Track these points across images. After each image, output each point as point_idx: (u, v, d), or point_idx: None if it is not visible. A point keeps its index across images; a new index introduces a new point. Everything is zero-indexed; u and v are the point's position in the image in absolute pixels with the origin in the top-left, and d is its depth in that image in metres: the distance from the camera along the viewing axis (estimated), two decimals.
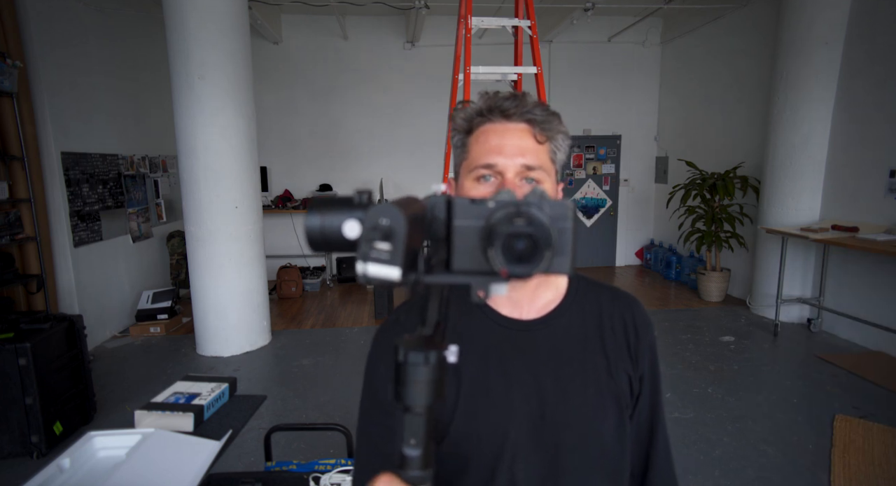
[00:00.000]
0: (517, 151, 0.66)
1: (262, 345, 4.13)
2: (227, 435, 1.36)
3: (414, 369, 0.32)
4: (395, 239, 0.29)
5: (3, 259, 3.27)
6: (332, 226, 0.31)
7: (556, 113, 0.70)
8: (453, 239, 0.33)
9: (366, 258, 0.29)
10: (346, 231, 0.31)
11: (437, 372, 0.33)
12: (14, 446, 2.51)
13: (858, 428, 2.76)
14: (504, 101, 0.67)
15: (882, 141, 3.86)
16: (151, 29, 4.94)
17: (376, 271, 0.29)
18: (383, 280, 0.30)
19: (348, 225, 0.31)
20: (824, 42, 4.11)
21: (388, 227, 0.29)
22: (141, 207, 4.91)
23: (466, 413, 0.68)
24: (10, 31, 3.39)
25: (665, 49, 6.67)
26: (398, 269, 0.29)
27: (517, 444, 0.68)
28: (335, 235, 0.31)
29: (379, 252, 0.29)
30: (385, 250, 0.29)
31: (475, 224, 0.32)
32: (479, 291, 0.32)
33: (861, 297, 3.99)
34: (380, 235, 0.29)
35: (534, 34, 2.97)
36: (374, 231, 0.29)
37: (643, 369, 0.76)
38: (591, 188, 6.98)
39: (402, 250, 0.29)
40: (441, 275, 0.34)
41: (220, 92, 3.65)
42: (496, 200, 0.34)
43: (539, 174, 0.67)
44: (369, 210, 0.30)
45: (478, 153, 0.67)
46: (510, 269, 0.31)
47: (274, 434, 1.64)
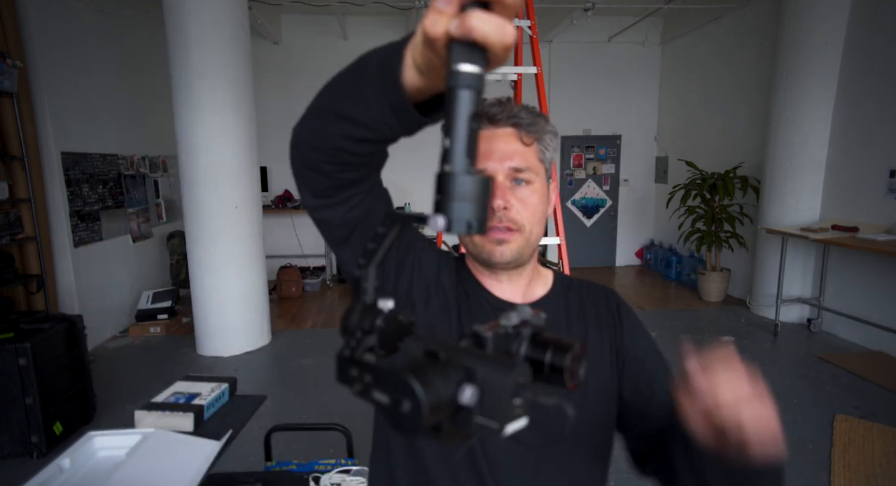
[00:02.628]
0: (505, 155, 0.69)
1: (262, 345, 4.12)
2: (227, 435, 1.36)
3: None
4: (526, 392, 0.30)
5: (3, 259, 3.27)
6: (447, 397, 0.30)
7: (542, 115, 0.73)
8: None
9: (508, 420, 0.29)
10: (464, 400, 0.30)
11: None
12: (14, 446, 2.51)
13: (858, 428, 2.75)
14: (490, 107, 0.71)
15: (882, 141, 3.86)
16: (151, 29, 4.93)
17: (514, 427, 0.30)
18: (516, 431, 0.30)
19: (466, 393, 0.30)
20: (824, 42, 4.11)
21: (523, 384, 0.30)
22: (141, 207, 4.91)
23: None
24: (10, 31, 3.39)
25: (665, 49, 6.67)
26: (527, 418, 0.30)
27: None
28: (450, 403, 0.30)
29: (517, 409, 0.29)
30: (519, 406, 0.30)
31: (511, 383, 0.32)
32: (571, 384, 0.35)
33: (861, 297, 3.99)
34: (517, 395, 0.30)
35: (534, 34, 2.97)
36: (515, 393, 0.29)
37: (638, 347, 0.79)
38: (591, 188, 6.98)
39: (532, 399, 0.30)
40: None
41: (220, 92, 3.65)
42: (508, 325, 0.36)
43: (527, 175, 0.71)
44: (509, 373, 0.29)
45: None
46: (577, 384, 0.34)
47: (274, 434, 1.64)
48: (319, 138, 0.55)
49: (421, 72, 0.42)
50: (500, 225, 0.70)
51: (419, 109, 0.46)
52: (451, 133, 0.33)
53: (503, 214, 0.69)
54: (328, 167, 0.58)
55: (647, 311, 5.01)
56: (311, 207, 0.66)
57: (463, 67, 0.33)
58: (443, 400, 0.29)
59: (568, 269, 2.76)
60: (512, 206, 0.69)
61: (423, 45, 0.39)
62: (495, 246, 0.71)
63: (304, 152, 0.58)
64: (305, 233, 6.37)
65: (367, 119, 0.50)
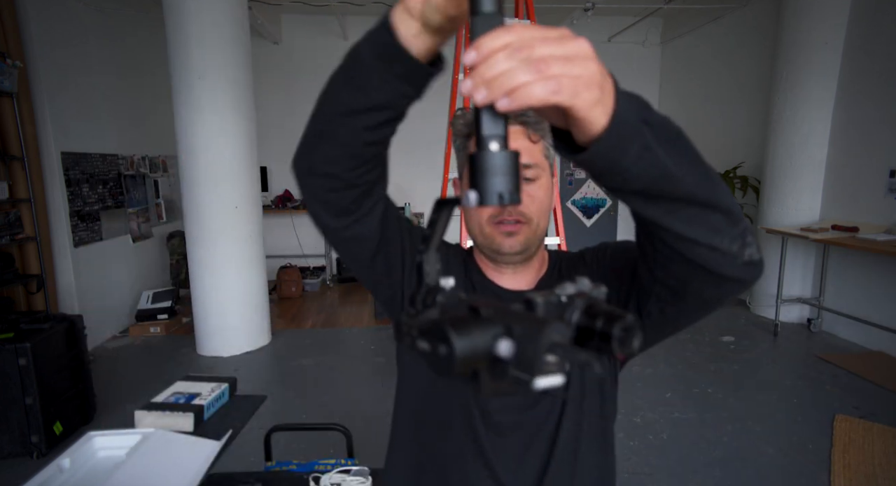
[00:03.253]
0: None
1: (262, 345, 4.12)
2: (227, 435, 1.36)
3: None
4: (564, 350, 0.31)
5: (3, 259, 3.27)
6: (483, 346, 0.32)
7: None
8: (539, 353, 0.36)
9: (540, 374, 0.31)
10: (500, 351, 0.32)
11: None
12: (14, 446, 2.51)
13: (858, 428, 2.75)
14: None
15: (882, 141, 3.86)
16: (151, 29, 4.93)
17: (546, 383, 0.31)
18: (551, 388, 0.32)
19: (503, 345, 0.32)
20: (824, 42, 4.11)
21: (559, 342, 0.31)
22: (141, 207, 4.91)
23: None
24: (10, 31, 3.39)
25: (665, 49, 6.67)
26: (563, 377, 0.32)
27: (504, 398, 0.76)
28: (486, 354, 0.33)
29: (549, 366, 0.31)
30: (553, 363, 0.31)
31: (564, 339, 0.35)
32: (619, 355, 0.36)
33: (861, 297, 3.99)
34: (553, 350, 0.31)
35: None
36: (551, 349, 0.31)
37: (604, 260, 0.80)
38: (591, 188, 6.98)
39: (567, 358, 0.32)
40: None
41: (220, 92, 3.65)
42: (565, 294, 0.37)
43: (535, 172, 0.75)
44: (545, 329, 0.31)
45: None
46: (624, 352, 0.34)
47: (274, 434, 1.64)
48: (341, 146, 0.57)
49: (426, 21, 0.45)
50: (509, 218, 0.74)
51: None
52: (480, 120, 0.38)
53: (513, 208, 0.73)
54: (353, 174, 0.60)
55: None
56: (340, 228, 0.66)
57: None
58: (478, 349, 0.32)
59: None
60: (522, 201, 0.71)
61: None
62: (505, 238, 0.75)
63: (322, 173, 0.60)
64: (305, 233, 6.38)
65: (384, 100, 0.52)
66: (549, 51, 0.37)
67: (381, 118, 0.54)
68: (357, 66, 0.51)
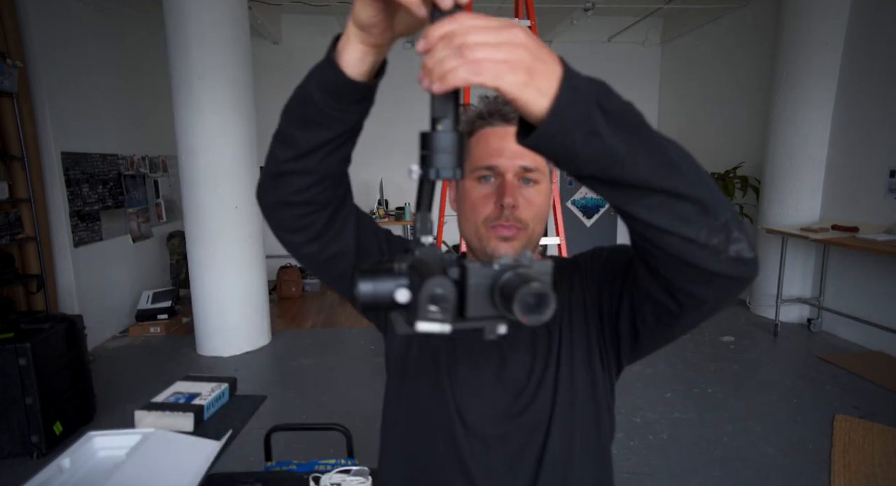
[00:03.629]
0: (516, 153, 0.70)
1: (262, 345, 4.12)
2: (227, 435, 1.36)
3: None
4: (448, 303, 0.37)
5: (3, 259, 3.27)
6: (384, 292, 0.40)
7: None
8: (468, 295, 0.40)
9: (423, 319, 0.37)
10: (398, 297, 0.40)
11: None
12: (14, 446, 2.51)
13: (858, 428, 2.75)
14: (504, 105, 0.72)
15: (882, 141, 3.86)
16: (151, 29, 4.93)
17: (428, 328, 0.37)
18: (435, 334, 0.38)
19: (400, 293, 0.40)
20: (824, 42, 4.11)
21: (443, 295, 0.37)
22: (141, 207, 4.91)
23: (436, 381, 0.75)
24: (10, 31, 3.39)
25: (665, 49, 6.66)
26: (449, 325, 0.38)
27: (486, 406, 0.73)
28: (387, 300, 0.40)
29: (432, 313, 0.37)
30: (437, 312, 0.37)
31: (485, 282, 0.40)
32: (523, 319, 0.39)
33: (861, 297, 3.99)
34: (434, 300, 0.37)
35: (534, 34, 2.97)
36: (431, 298, 0.37)
37: (593, 267, 0.77)
38: None
39: (452, 311, 0.37)
40: (459, 322, 0.42)
41: (220, 92, 3.65)
42: (500, 263, 0.41)
43: (536, 175, 0.72)
44: (428, 281, 0.37)
45: (479, 155, 0.72)
46: (529, 318, 0.38)
47: (274, 434, 1.64)
48: (309, 175, 0.59)
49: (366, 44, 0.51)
50: (506, 223, 0.70)
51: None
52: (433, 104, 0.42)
53: (510, 212, 0.70)
54: (326, 195, 0.62)
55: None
56: (317, 252, 0.68)
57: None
58: (380, 293, 0.40)
59: None
60: (519, 205, 0.70)
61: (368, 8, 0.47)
62: (500, 242, 0.72)
63: (295, 202, 0.61)
64: None
65: (346, 127, 0.57)
66: (481, 38, 0.39)
67: (346, 138, 0.58)
68: (311, 108, 0.55)
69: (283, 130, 0.58)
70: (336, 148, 0.58)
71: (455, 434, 0.73)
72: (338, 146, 0.58)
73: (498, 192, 0.70)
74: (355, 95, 0.54)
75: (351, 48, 0.51)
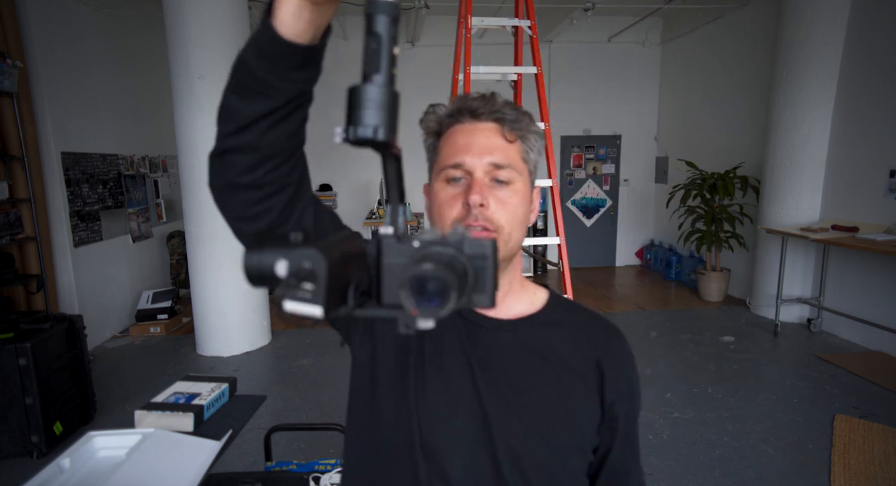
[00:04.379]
0: (485, 149, 0.64)
1: (262, 345, 4.13)
2: (227, 435, 1.36)
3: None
4: (317, 280, 0.31)
5: (3, 259, 3.27)
6: (266, 264, 0.33)
7: (527, 112, 0.69)
8: (382, 276, 0.36)
9: (285, 297, 0.32)
10: (277, 270, 0.33)
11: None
12: (14, 446, 2.51)
13: (858, 428, 2.76)
14: (473, 101, 0.67)
15: (882, 141, 3.85)
16: (151, 29, 4.93)
17: (295, 308, 0.32)
18: (304, 316, 0.32)
19: (279, 265, 0.33)
20: (824, 42, 4.11)
21: (310, 269, 0.31)
22: (141, 207, 4.91)
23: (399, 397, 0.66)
24: (10, 31, 3.39)
25: (665, 49, 6.66)
26: (320, 307, 0.31)
27: (456, 438, 0.64)
28: (269, 272, 0.33)
29: (302, 292, 0.31)
30: (307, 290, 0.31)
31: (402, 262, 0.35)
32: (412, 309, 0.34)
33: (861, 297, 3.99)
34: (302, 277, 0.31)
35: (534, 34, 2.97)
36: (297, 273, 0.32)
37: (618, 407, 0.69)
38: (591, 188, 6.98)
39: (323, 291, 0.31)
40: (372, 309, 0.37)
41: (219, 92, 3.48)
42: (421, 239, 0.36)
43: (508, 173, 0.65)
44: (292, 252, 0.32)
45: (446, 154, 0.67)
46: (420, 309, 0.32)
47: (274, 434, 1.64)
48: (256, 151, 0.54)
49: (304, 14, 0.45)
50: (475, 224, 0.63)
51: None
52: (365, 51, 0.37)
53: (479, 212, 0.63)
54: (276, 174, 0.56)
55: (646, 311, 5.01)
56: (289, 229, 0.61)
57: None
58: (264, 265, 0.33)
59: (568, 269, 2.76)
60: (489, 204, 0.63)
61: None
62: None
63: (244, 185, 0.56)
64: None
65: (288, 96, 0.51)
66: None
67: (291, 109, 0.52)
68: (248, 74, 0.50)
69: (222, 102, 0.54)
70: (280, 120, 0.52)
71: (417, 472, 0.63)
72: (281, 118, 0.52)
73: (466, 191, 0.64)
74: (293, 58, 0.48)
75: (286, 3, 0.45)
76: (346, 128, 0.35)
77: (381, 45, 0.37)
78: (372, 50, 0.37)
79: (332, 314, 0.33)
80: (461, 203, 0.64)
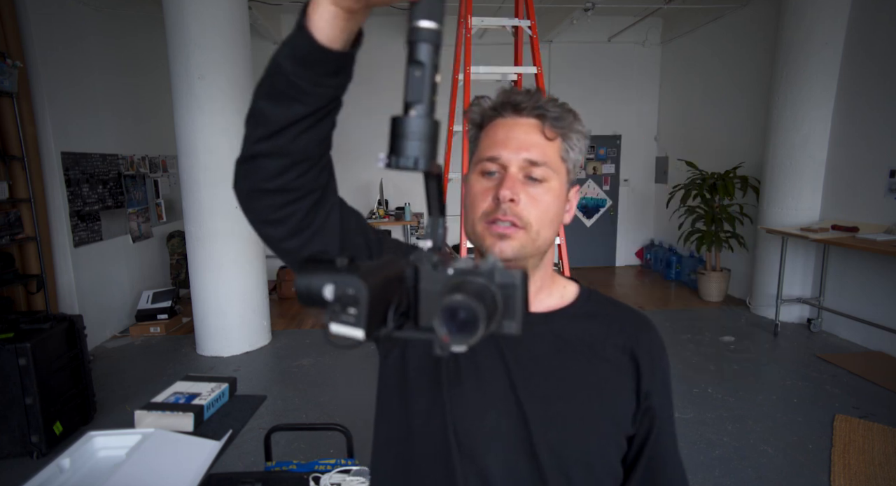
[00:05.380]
0: (522, 144, 0.65)
1: (262, 345, 4.13)
2: (227, 435, 1.36)
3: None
4: (360, 306, 0.34)
5: (3, 259, 3.27)
6: (315, 288, 0.37)
7: (571, 111, 0.68)
8: (419, 300, 0.39)
9: (331, 320, 0.35)
10: (325, 293, 0.36)
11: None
12: (14, 446, 2.51)
13: (858, 428, 2.76)
14: (517, 95, 0.67)
15: (882, 141, 3.85)
16: (151, 29, 4.94)
17: (339, 330, 0.35)
18: (348, 339, 0.35)
19: (327, 289, 0.36)
20: (824, 42, 4.11)
21: (353, 295, 0.34)
22: (141, 207, 4.91)
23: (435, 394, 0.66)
24: (10, 31, 3.39)
25: (665, 49, 6.67)
26: (362, 330, 0.35)
27: (493, 435, 0.64)
28: (318, 295, 0.37)
29: (346, 316, 0.34)
30: (351, 315, 0.34)
31: (437, 288, 0.38)
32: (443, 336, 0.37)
33: (861, 297, 3.99)
34: (346, 302, 0.35)
35: (534, 34, 2.97)
36: (341, 298, 0.35)
37: (653, 397, 0.71)
38: (591, 188, 6.98)
39: (365, 315, 0.34)
40: (409, 331, 0.40)
41: (219, 92, 3.65)
42: (455, 267, 0.39)
43: (543, 171, 0.64)
44: (338, 280, 0.35)
45: (485, 146, 0.67)
46: (451, 336, 0.35)
47: (274, 434, 1.64)
48: (287, 156, 0.55)
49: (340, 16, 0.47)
50: (504, 218, 0.63)
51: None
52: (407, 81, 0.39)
53: (509, 206, 0.63)
54: (305, 180, 0.57)
55: (647, 311, 5.01)
56: (298, 247, 0.61)
57: (422, 24, 0.38)
58: (312, 288, 0.37)
59: (567, 269, 2.76)
60: (520, 200, 0.63)
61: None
62: (496, 240, 0.64)
63: (273, 189, 0.56)
64: None
65: (322, 101, 0.52)
66: None
67: (322, 115, 0.54)
68: (283, 79, 0.50)
69: (253, 107, 0.54)
70: (311, 125, 0.53)
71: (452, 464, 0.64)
72: (313, 124, 0.53)
73: (497, 185, 0.64)
74: (328, 64, 0.49)
75: (321, 10, 0.47)
76: (389, 156, 0.38)
77: (424, 73, 0.38)
78: (415, 78, 0.38)
79: (373, 336, 0.36)
80: (492, 197, 0.64)
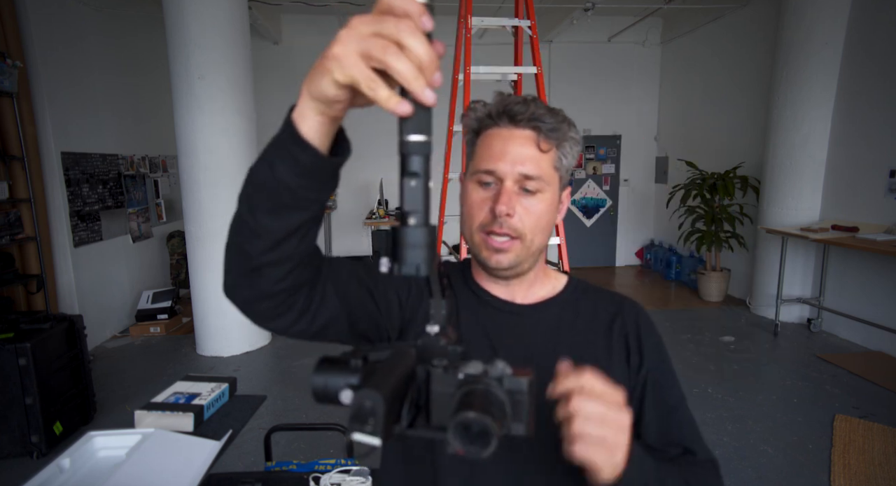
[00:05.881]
0: (517, 158, 0.67)
1: (262, 345, 4.12)
2: (227, 435, 1.36)
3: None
4: (377, 417, 0.35)
5: (3, 259, 3.27)
6: (332, 390, 0.39)
7: (566, 119, 0.70)
8: (431, 401, 0.40)
9: (353, 431, 0.36)
10: (342, 398, 0.39)
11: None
12: (14, 446, 2.51)
13: (858, 428, 2.76)
14: (513, 104, 0.68)
15: (882, 141, 3.85)
16: (151, 29, 4.93)
17: (360, 438, 0.36)
18: (367, 446, 0.36)
19: (344, 394, 0.39)
20: (824, 42, 4.11)
21: (371, 408, 0.36)
22: (141, 207, 4.91)
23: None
24: (10, 31, 3.39)
25: (665, 49, 6.66)
26: (379, 439, 0.36)
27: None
28: (334, 397, 0.39)
29: (365, 426, 0.35)
30: (369, 425, 0.36)
31: (448, 391, 0.40)
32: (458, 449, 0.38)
33: (861, 297, 3.99)
34: (364, 414, 0.36)
35: (534, 34, 2.97)
36: (359, 409, 0.36)
37: (648, 363, 0.74)
38: (591, 188, 6.98)
39: (381, 426, 0.35)
40: (422, 430, 0.41)
41: (219, 92, 3.65)
42: (465, 372, 0.41)
43: (537, 184, 0.68)
44: (357, 393, 0.36)
45: (481, 157, 0.69)
46: (465, 449, 0.36)
47: (274, 434, 1.64)
48: (286, 262, 0.55)
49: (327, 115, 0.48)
50: (500, 231, 0.67)
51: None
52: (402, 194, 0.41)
53: (505, 220, 0.66)
54: (300, 273, 0.58)
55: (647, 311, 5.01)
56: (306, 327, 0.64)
57: (412, 138, 0.39)
58: (329, 389, 0.39)
59: (567, 269, 2.76)
60: (516, 213, 0.67)
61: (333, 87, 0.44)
62: (493, 253, 0.68)
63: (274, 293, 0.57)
64: None
65: (322, 206, 0.54)
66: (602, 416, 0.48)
67: (320, 215, 0.55)
68: (288, 194, 0.50)
69: (248, 222, 0.53)
70: (311, 227, 0.55)
71: None
72: (313, 225, 0.55)
73: (494, 198, 0.67)
74: (328, 170, 0.50)
75: (309, 122, 0.48)
76: (392, 263, 0.41)
77: (419, 183, 0.40)
78: (411, 189, 0.40)
79: (390, 438, 0.37)
80: (489, 208, 0.68)
